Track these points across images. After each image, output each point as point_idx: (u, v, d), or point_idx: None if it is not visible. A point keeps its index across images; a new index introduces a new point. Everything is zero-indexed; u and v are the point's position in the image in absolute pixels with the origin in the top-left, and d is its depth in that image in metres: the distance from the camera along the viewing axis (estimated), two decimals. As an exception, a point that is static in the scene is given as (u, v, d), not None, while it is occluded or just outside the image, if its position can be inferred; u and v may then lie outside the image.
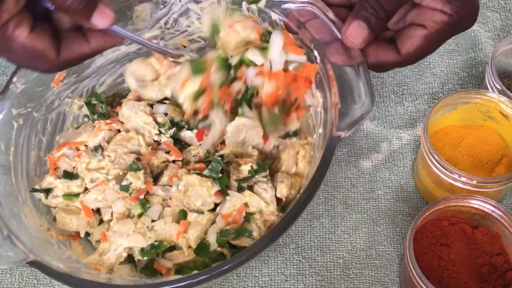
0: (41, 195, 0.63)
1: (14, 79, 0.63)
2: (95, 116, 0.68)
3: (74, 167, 0.65)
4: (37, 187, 0.63)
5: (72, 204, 0.63)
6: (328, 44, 0.61)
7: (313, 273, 0.64)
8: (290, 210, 0.54)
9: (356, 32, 0.57)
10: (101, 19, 0.52)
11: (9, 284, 0.64)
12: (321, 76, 0.62)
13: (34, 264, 0.53)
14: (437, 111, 0.63)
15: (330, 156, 0.55)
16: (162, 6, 0.70)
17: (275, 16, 0.66)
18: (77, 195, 0.63)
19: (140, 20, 0.70)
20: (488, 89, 0.65)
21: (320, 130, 0.62)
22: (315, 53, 0.62)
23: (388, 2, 0.57)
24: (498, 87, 0.64)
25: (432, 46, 0.61)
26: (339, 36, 0.60)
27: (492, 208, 0.57)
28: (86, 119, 0.70)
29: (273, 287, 0.63)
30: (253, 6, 0.67)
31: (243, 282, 0.64)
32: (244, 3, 0.68)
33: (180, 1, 0.70)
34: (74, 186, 0.63)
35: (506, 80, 0.70)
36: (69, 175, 0.63)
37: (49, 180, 0.63)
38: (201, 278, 0.51)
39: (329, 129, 0.57)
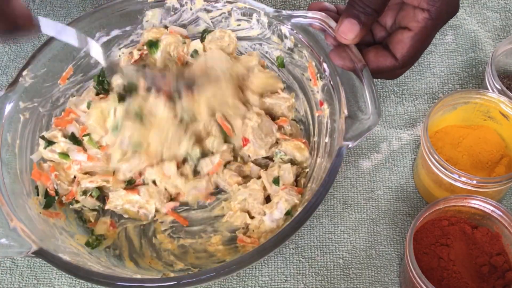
0: (41, 146, 0.64)
1: (24, 73, 0.64)
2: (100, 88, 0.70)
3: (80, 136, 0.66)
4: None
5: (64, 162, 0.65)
6: (332, 48, 0.63)
7: (313, 273, 0.64)
8: (298, 215, 0.55)
9: (347, 29, 0.60)
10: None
11: (9, 284, 0.64)
12: (329, 87, 0.63)
13: (41, 254, 0.54)
14: (437, 111, 0.63)
15: (339, 163, 0.57)
16: (172, 13, 0.70)
17: (285, 29, 0.67)
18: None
19: (150, 25, 0.70)
20: (488, 89, 0.65)
21: (327, 139, 0.63)
22: (325, 65, 0.63)
23: (373, 1, 0.59)
24: (498, 87, 0.64)
25: (422, 44, 0.63)
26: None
27: (492, 208, 0.57)
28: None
29: (273, 287, 0.63)
30: (264, 19, 0.68)
31: (243, 282, 0.64)
32: (254, 15, 0.68)
33: (191, 9, 0.70)
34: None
35: (506, 80, 0.70)
36: (75, 139, 0.65)
37: (55, 133, 0.64)
38: (208, 275, 0.52)
39: (336, 138, 0.59)
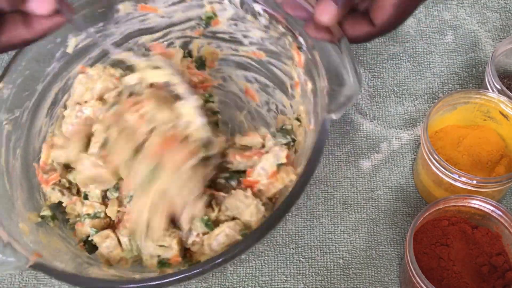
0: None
1: (1, 85, 0.62)
2: None
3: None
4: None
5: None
6: (306, 21, 0.62)
7: (313, 273, 0.64)
8: (289, 194, 0.53)
9: (324, 11, 0.59)
10: (40, 4, 0.48)
11: (9, 284, 0.64)
12: (308, 62, 0.62)
13: (38, 267, 0.53)
14: (437, 111, 0.63)
15: (324, 137, 0.55)
16: (143, 4, 0.70)
17: (257, 7, 0.66)
18: None
19: (123, 19, 0.70)
20: (488, 89, 0.65)
21: (311, 115, 0.62)
22: (301, 39, 0.63)
23: None
24: (498, 87, 0.64)
25: (404, 13, 0.62)
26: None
27: (492, 208, 0.57)
28: None
29: (273, 287, 0.63)
30: None
31: (243, 282, 0.64)
32: None
33: None
34: None
35: (506, 80, 0.70)
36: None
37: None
38: (195, 272, 0.52)
39: (320, 112, 0.57)
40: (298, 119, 0.66)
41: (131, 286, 0.52)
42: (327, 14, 0.59)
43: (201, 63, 0.72)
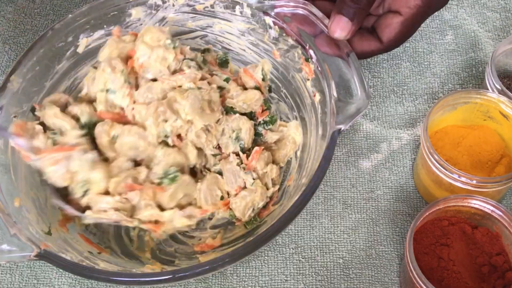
0: None
1: (12, 78, 0.63)
2: None
3: None
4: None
5: None
6: (316, 36, 0.63)
7: (313, 273, 0.64)
8: (297, 199, 0.55)
9: (340, 27, 0.60)
10: None
11: (9, 284, 0.64)
12: (317, 73, 0.63)
13: (44, 256, 0.54)
14: (437, 111, 0.63)
15: (333, 146, 0.57)
16: (155, 11, 0.70)
17: (268, 20, 0.67)
18: None
19: (134, 23, 0.70)
20: (488, 89, 0.65)
21: (318, 125, 0.63)
22: (311, 52, 0.63)
23: None
24: (498, 87, 0.64)
25: (410, 30, 0.64)
26: (326, 30, 0.63)
27: (492, 208, 0.57)
28: None
29: (273, 287, 0.63)
30: (247, 11, 0.68)
31: (243, 282, 0.64)
32: (237, 7, 0.68)
33: (173, 6, 0.70)
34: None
35: (506, 80, 0.70)
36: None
37: None
38: (203, 269, 0.52)
39: (329, 122, 0.59)
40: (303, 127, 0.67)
41: (134, 279, 0.53)
42: (341, 29, 0.60)
43: (224, 61, 0.73)
